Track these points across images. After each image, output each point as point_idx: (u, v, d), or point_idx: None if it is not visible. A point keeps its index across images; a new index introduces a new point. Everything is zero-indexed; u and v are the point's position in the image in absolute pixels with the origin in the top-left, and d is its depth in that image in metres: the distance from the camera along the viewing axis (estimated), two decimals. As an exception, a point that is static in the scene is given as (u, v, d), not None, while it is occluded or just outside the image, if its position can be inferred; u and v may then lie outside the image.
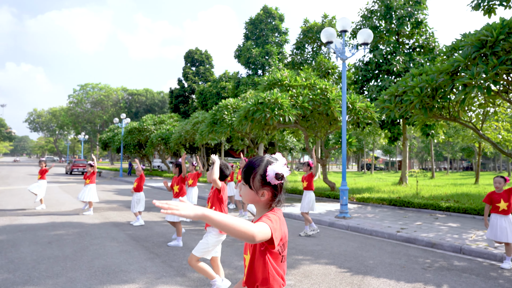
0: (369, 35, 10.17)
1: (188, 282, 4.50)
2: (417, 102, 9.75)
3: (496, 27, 8.48)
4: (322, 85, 13.99)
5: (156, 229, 7.96)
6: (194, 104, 38.79)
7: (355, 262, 5.68)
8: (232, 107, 18.15)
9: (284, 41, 30.54)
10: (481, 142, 21.79)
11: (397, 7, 17.38)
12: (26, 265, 4.97)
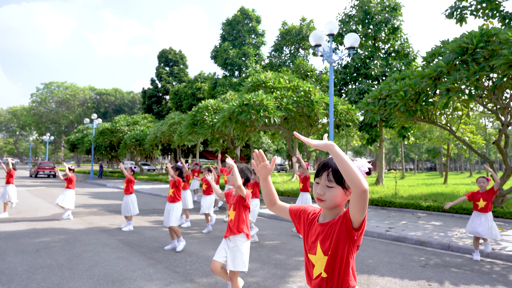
0: (355, 39, 10.41)
1: (200, 287, 4.38)
2: (401, 105, 10.09)
3: (476, 35, 8.94)
4: (305, 87, 14.16)
5: (147, 233, 7.71)
6: (168, 105, 38.07)
7: (355, 261, 5.77)
8: (212, 108, 17.96)
9: (261, 43, 30.65)
10: (450, 143, 22.92)
11: (375, 12, 17.95)
12: (19, 276, 4.64)
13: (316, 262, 1.64)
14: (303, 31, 23.76)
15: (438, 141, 23.75)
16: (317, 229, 1.66)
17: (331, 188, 1.61)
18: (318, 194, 1.64)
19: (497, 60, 8.08)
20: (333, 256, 1.59)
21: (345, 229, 1.56)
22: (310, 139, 1.52)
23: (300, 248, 6.63)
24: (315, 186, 1.66)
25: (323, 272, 1.61)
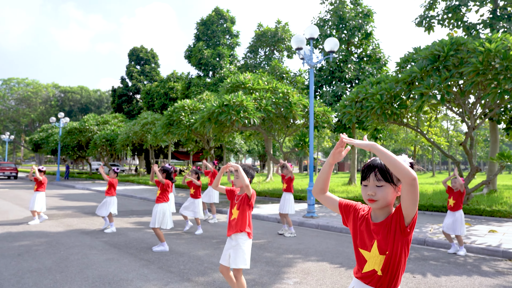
0: (335, 44, 10.76)
1: (199, 286, 4.42)
2: (378, 108, 10.54)
3: (446, 44, 9.54)
4: (283, 89, 14.41)
5: (132, 235, 7.59)
6: (139, 104, 37.21)
7: (342, 258, 6.01)
8: (189, 108, 17.82)
9: (235, 44, 30.72)
10: (416, 145, 24.12)
11: (349, 18, 18.57)
12: (8, 281, 4.46)
13: (369, 259, 1.72)
14: (278, 33, 24.10)
15: (405, 142, 24.89)
16: (372, 228, 1.72)
17: (381, 187, 1.67)
18: (370, 195, 1.69)
19: (466, 68, 8.68)
20: (390, 256, 1.65)
21: (399, 227, 1.63)
22: (355, 140, 1.64)
23: (286, 246, 6.80)
24: (364, 189, 1.72)
25: (379, 271, 1.68)
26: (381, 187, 1.68)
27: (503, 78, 8.15)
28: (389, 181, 1.67)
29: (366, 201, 1.74)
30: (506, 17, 14.26)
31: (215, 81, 27.93)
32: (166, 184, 6.33)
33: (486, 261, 5.97)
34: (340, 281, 4.74)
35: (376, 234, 1.70)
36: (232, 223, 3.63)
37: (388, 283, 1.68)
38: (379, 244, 1.68)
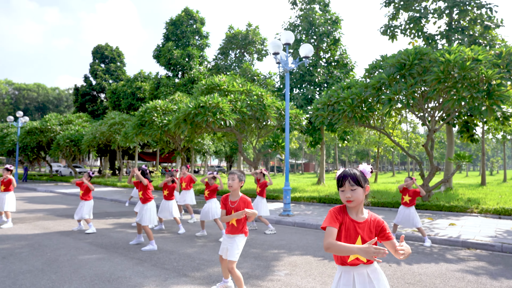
0: (310, 50, 11.28)
1: (197, 280, 4.64)
2: (349, 111, 11.20)
3: (411, 53, 10.36)
4: (257, 91, 14.78)
5: (114, 236, 7.59)
6: (105, 104, 36.07)
7: (323, 251, 6.45)
8: (161, 109, 17.72)
9: (205, 45, 30.73)
10: (380, 146, 25.47)
11: (318, 24, 19.33)
12: (2, 283, 4.43)
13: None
14: (249, 36, 24.47)
15: (368, 144, 26.19)
16: (355, 226, 2.18)
17: (355, 190, 2.16)
18: (347, 197, 2.16)
19: (429, 76, 9.51)
20: None
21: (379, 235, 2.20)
22: None
23: (270, 242, 7.14)
24: (342, 193, 2.19)
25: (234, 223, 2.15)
26: (354, 190, 2.16)
27: (461, 86, 9.03)
28: (360, 185, 2.16)
29: (345, 202, 2.21)
30: (460, 30, 15.59)
31: (185, 81, 27.80)
32: (149, 184, 6.47)
33: (449, 250, 6.67)
34: (326, 271, 5.15)
35: (359, 230, 2.19)
36: (230, 227, 3.90)
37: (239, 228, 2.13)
38: (362, 238, 2.17)
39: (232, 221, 3.87)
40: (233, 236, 3.90)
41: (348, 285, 2.15)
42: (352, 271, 2.18)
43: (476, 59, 9.18)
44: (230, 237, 3.91)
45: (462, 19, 15.71)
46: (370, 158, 43.36)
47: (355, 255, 2.15)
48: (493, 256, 6.22)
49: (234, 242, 3.86)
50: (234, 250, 3.84)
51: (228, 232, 3.93)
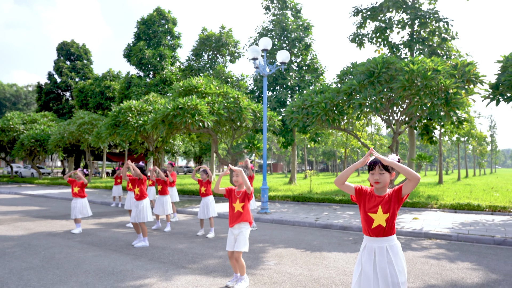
0: (287, 56, 11.91)
1: (195, 271, 5.04)
2: (323, 114, 11.95)
3: (379, 62, 11.26)
4: (234, 94, 15.23)
5: (102, 234, 7.76)
6: (71, 103, 34.91)
7: (304, 244, 7.05)
8: (136, 110, 17.70)
9: (177, 45, 30.67)
10: (347, 148, 26.75)
11: (291, 30, 20.09)
12: (9, 279, 4.60)
13: (375, 218, 2.66)
14: (222, 38, 24.84)
15: (337, 145, 27.40)
16: (377, 199, 2.68)
17: (383, 174, 2.64)
18: (376, 179, 2.65)
19: (395, 84, 10.43)
20: (391, 214, 2.63)
21: (397, 197, 2.62)
22: (379, 155, 2.59)
23: (254, 237, 7.63)
24: (372, 176, 2.67)
25: (384, 223, 2.64)
26: (382, 174, 2.66)
27: (423, 94, 10.01)
28: (387, 170, 2.67)
29: (373, 183, 2.70)
30: (420, 41, 16.92)
31: (157, 82, 27.66)
32: (144, 179, 6.74)
33: (414, 241, 7.49)
34: (311, 261, 5.73)
35: (380, 202, 2.67)
36: (236, 215, 4.38)
37: (390, 231, 2.66)
38: (383, 207, 2.66)
39: (238, 207, 4.36)
40: (238, 227, 4.35)
41: (370, 254, 2.67)
42: (374, 244, 2.68)
43: (436, 69, 10.21)
44: (235, 229, 4.37)
45: (423, 31, 17.06)
46: (337, 159, 44.99)
47: (377, 223, 2.65)
48: (451, 244, 7.09)
49: (241, 233, 4.33)
50: (241, 242, 4.31)
51: (234, 222, 4.38)
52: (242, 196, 4.40)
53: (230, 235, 4.42)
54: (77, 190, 8.02)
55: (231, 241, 4.38)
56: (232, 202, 4.43)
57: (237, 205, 4.41)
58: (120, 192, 13.41)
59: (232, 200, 4.43)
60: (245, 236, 4.37)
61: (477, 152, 40.31)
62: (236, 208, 4.41)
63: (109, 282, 4.48)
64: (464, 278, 4.82)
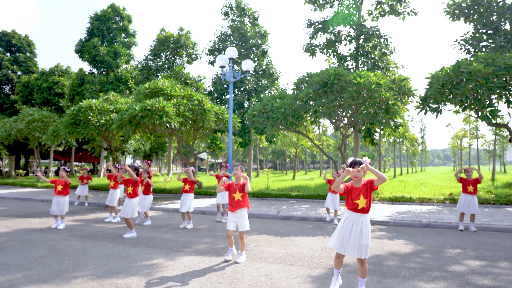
0: (251, 65, 13.09)
1: (192, 253, 6.03)
2: (282, 118, 13.34)
3: (332, 73, 12.92)
4: (198, 96, 16.07)
5: (86, 229, 8.32)
6: (12, 98, 32.82)
7: (273, 231, 8.29)
8: (97, 109, 17.73)
9: (132, 43, 30.40)
10: (297, 147, 28.69)
11: (249, 36, 21.31)
12: (29, 264, 5.22)
13: (359, 203, 3.90)
14: (181, 40, 25.33)
15: (288, 145, 29.22)
16: (357, 189, 3.92)
17: (360, 171, 3.91)
18: (355, 175, 3.88)
19: (346, 94, 12.12)
20: (368, 199, 3.91)
21: (370, 187, 3.90)
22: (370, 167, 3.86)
23: (229, 228, 8.71)
24: (352, 172, 3.85)
25: (365, 205, 3.89)
26: (359, 171, 3.93)
27: (368, 103, 11.80)
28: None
29: (353, 178, 3.97)
30: (365, 54, 19.11)
31: (112, 79, 27.32)
32: (140, 181, 7.53)
33: (361, 227, 9.10)
34: (283, 243, 6.97)
35: (360, 191, 3.95)
36: (237, 203, 5.49)
37: (367, 210, 3.94)
38: (363, 195, 3.94)
39: (237, 197, 5.47)
40: (240, 211, 5.47)
41: (349, 223, 3.91)
42: (354, 217, 3.93)
43: (378, 83, 12.07)
44: (238, 212, 5.48)
45: (367, 45, 19.26)
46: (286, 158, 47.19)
47: (361, 206, 3.89)
48: (390, 228, 8.79)
49: (243, 216, 5.45)
50: (245, 223, 5.44)
51: (234, 208, 5.48)
52: (240, 187, 5.50)
53: (231, 218, 5.51)
54: (60, 188, 8.47)
55: (232, 223, 5.48)
56: (232, 193, 5.53)
57: (236, 195, 5.53)
58: (86, 191, 13.60)
59: (232, 191, 5.54)
60: (246, 218, 5.54)
61: (410, 152, 44.98)
62: (236, 198, 5.52)
63: (124, 263, 5.32)
64: (399, 250, 6.37)
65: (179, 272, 4.94)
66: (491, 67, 10.78)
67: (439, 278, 4.67)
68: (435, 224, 8.97)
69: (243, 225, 5.52)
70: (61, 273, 4.80)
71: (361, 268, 3.95)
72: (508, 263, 5.38)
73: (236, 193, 5.54)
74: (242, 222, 5.52)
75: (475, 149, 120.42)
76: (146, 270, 4.99)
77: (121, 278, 4.61)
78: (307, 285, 4.43)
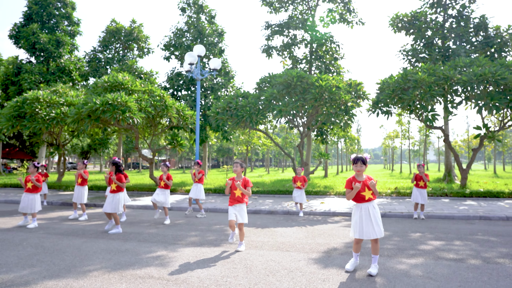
0: (219, 63, 13.35)
1: (188, 244, 6.26)
2: (247, 117, 13.82)
3: (294, 75, 13.71)
4: (159, 92, 15.87)
5: (62, 227, 8.03)
6: None
7: (252, 224, 8.76)
8: (45, 101, 16.57)
9: (76, 32, 28.52)
10: (249, 146, 29.41)
11: (208, 34, 21.40)
12: (43, 255, 5.07)
13: (365, 194, 4.58)
14: (134, 33, 24.43)
15: (239, 143, 29.79)
16: (361, 183, 4.56)
17: (362, 166, 4.59)
18: (358, 169, 4.57)
19: (308, 96, 13.00)
20: (373, 189, 4.59)
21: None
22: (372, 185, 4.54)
23: (206, 222, 9.00)
24: (355, 166, 4.56)
25: (371, 196, 4.58)
26: (362, 166, 4.61)
27: (329, 105, 12.80)
28: (365, 164, 4.63)
29: (356, 172, 4.63)
30: (318, 58, 20.36)
31: (53, 70, 25.48)
32: (125, 176, 7.50)
33: (326, 218, 9.97)
34: (267, 234, 7.48)
35: (364, 185, 4.63)
36: (237, 199, 5.88)
37: (374, 198, 4.62)
38: (368, 188, 4.63)
39: (238, 193, 5.84)
40: (239, 205, 5.84)
41: (366, 210, 4.56)
42: (367, 205, 4.58)
43: (338, 86, 13.14)
44: (237, 206, 5.85)
45: (320, 50, 20.54)
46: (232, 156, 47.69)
47: (367, 196, 4.59)
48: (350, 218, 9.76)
49: (242, 210, 5.84)
50: (244, 215, 5.84)
51: (234, 202, 5.85)
52: (242, 184, 5.87)
53: (232, 210, 5.89)
54: (30, 186, 8.04)
55: (233, 214, 5.86)
56: (233, 189, 5.90)
57: (237, 192, 5.90)
58: (45, 189, 12.69)
59: (233, 188, 5.91)
60: (245, 212, 5.96)
61: (348, 150, 48.38)
62: (237, 194, 5.90)
63: (129, 256, 5.41)
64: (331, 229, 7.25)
65: (190, 260, 5.20)
66: (433, 77, 12.40)
67: (415, 255, 5.56)
68: (390, 214, 10.18)
69: (242, 217, 5.93)
70: (71, 268, 4.79)
71: (375, 246, 4.63)
72: (461, 242, 6.52)
73: (237, 190, 5.93)
74: (241, 215, 5.92)
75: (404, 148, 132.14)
76: (156, 261, 5.17)
77: (137, 269, 4.76)
78: (313, 265, 5.01)
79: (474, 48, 17.06)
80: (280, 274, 4.62)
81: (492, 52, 16.96)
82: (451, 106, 12.79)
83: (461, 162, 14.21)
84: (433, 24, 18.89)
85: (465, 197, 13.45)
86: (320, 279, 4.42)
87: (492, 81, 11.63)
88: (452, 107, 12.75)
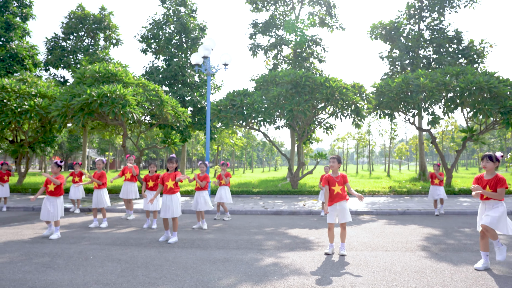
0: (230, 59, 12.77)
1: (183, 243, 5.82)
2: (261, 115, 13.43)
3: (302, 75, 13.66)
4: (153, 86, 14.73)
5: (101, 236, 7.00)
6: None
7: (262, 227, 8.49)
8: (13, 91, 14.47)
9: (29, 15, 25.41)
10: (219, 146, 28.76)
11: (191, 28, 20.45)
12: (68, 260, 4.29)
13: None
14: (105, 21, 22.39)
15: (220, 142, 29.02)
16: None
17: (336, 164, 5.14)
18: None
19: (320, 95, 13.02)
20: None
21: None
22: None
23: (228, 224, 8.52)
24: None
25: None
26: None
27: (341, 105, 12.95)
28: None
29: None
30: (304, 59, 20.60)
31: (3, 56, 22.50)
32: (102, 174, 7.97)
33: (355, 216, 10.04)
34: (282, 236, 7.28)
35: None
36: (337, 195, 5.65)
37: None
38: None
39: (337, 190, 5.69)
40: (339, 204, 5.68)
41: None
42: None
43: (346, 87, 13.36)
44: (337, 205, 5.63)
45: (305, 52, 20.80)
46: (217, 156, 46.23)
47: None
48: (378, 217, 9.94)
49: (343, 208, 5.69)
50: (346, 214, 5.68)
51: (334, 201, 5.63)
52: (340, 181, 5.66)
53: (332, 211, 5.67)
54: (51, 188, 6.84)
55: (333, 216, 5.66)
56: (331, 186, 5.73)
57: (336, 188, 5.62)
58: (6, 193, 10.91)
59: (331, 184, 5.78)
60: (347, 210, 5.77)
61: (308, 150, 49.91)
62: (336, 190, 5.66)
63: (244, 266, 4.85)
64: (383, 227, 7.44)
65: (313, 267, 4.82)
66: (433, 82, 13.19)
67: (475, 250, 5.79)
68: (409, 211, 10.57)
69: (345, 217, 5.66)
70: (208, 284, 4.13)
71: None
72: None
73: (336, 186, 5.66)
74: (344, 214, 5.65)
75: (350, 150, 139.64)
76: (286, 269, 4.70)
77: (280, 279, 4.27)
78: (440, 263, 4.93)
79: (451, 58, 18.60)
80: (425, 273, 4.48)
81: (466, 63, 18.64)
82: (448, 110, 13.75)
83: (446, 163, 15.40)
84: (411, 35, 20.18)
85: (455, 195, 14.50)
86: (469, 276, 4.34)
87: (486, 89, 12.69)
88: (449, 111, 13.71)
